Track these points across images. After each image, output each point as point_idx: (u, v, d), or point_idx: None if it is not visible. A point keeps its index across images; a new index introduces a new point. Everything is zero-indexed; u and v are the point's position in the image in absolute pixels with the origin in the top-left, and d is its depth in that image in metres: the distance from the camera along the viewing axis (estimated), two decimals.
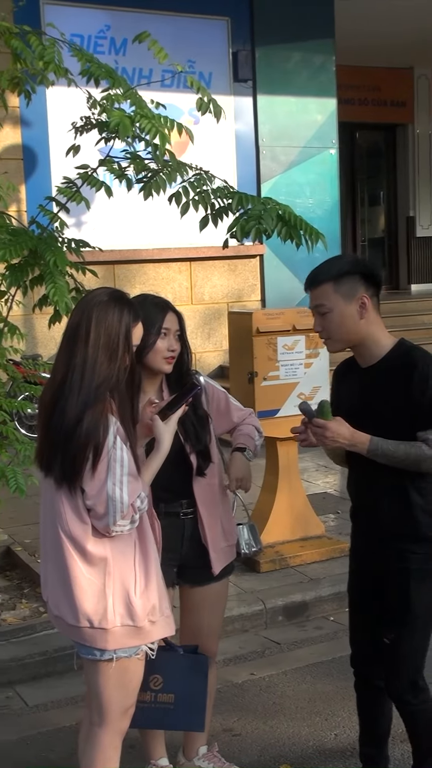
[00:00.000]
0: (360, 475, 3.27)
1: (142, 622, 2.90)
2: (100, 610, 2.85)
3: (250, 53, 11.29)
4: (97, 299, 2.89)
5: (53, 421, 2.81)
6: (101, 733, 3.03)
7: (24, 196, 9.89)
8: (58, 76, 5.22)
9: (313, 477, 7.95)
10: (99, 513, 2.79)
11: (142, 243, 10.86)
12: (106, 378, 2.80)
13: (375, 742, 3.48)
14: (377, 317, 3.13)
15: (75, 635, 2.93)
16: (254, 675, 4.67)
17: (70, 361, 2.82)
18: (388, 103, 15.17)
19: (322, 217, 11.81)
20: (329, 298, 3.08)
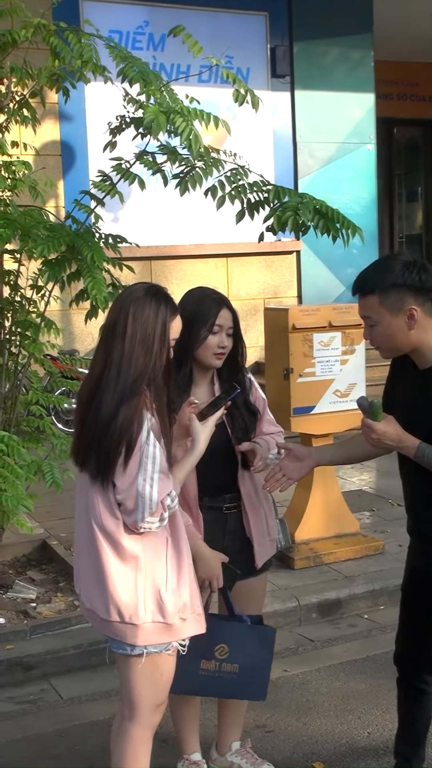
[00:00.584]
0: (406, 475, 3.23)
1: (172, 620, 2.90)
2: (131, 605, 2.86)
3: (288, 48, 11.27)
4: (134, 295, 2.90)
5: (89, 416, 2.83)
6: (131, 727, 3.05)
7: (62, 191, 9.95)
8: (96, 75, 5.25)
9: (349, 474, 7.92)
10: (128, 508, 2.81)
11: (178, 239, 10.87)
12: (142, 373, 2.81)
13: (411, 740, 3.46)
14: (430, 322, 3.00)
15: (106, 629, 2.95)
16: (288, 672, 4.67)
17: (107, 356, 2.83)
18: (427, 98, 15.05)
19: (360, 213, 11.76)
20: (375, 311, 2.98)
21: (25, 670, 4.67)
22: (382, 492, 7.29)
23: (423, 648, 3.33)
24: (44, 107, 6.06)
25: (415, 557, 3.34)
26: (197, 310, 3.32)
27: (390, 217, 15.50)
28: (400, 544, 5.95)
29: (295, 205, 5.06)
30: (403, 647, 3.43)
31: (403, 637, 3.43)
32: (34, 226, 5.17)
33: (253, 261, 11.35)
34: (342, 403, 5.79)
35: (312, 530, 5.88)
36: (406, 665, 3.42)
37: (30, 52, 5.50)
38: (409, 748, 3.46)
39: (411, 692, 3.41)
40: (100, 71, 5.18)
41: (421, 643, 3.32)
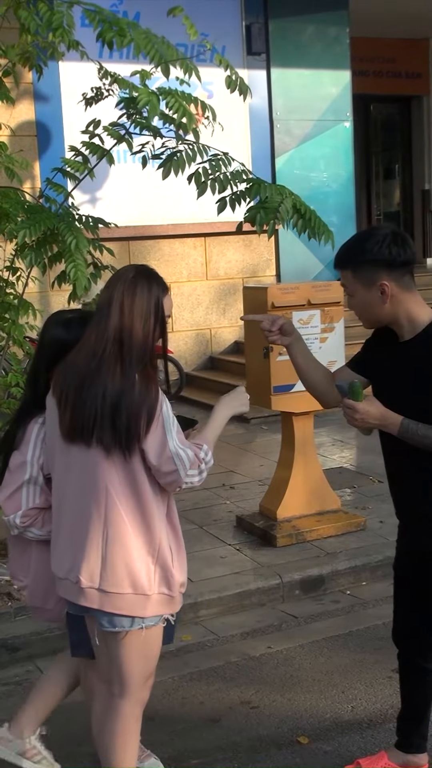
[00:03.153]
0: (390, 454, 3.23)
1: (176, 592, 2.99)
2: (144, 576, 2.90)
3: (263, 26, 11.21)
4: (124, 276, 2.96)
5: (91, 392, 2.84)
6: (122, 703, 3.07)
7: (38, 172, 9.88)
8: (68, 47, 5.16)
9: (330, 451, 7.96)
10: (166, 471, 2.85)
11: (156, 219, 10.84)
12: (143, 345, 2.88)
13: (411, 717, 3.48)
14: (407, 294, 3.03)
15: (111, 604, 2.91)
16: (271, 648, 4.71)
17: (103, 333, 2.88)
18: (403, 74, 15.01)
19: (337, 191, 11.78)
20: (350, 283, 3.08)
21: (10, 652, 4.68)
22: (363, 469, 7.33)
23: (420, 626, 3.35)
24: (17, 86, 5.99)
25: (410, 537, 3.32)
26: (77, 336, 3.32)
27: (368, 194, 15.52)
28: (382, 520, 6.00)
29: (275, 206, 5.09)
30: (401, 625, 3.44)
31: (401, 615, 3.44)
32: (12, 206, 5.14)
33: (231, 240, 11.33)
34: None
35: (294, 508, 5.91)
36: (405, 643, 3.44)
37: (2, 31, 5.44)
38: (410, 724, 3.48)
39: (412, 669, 3.43)
40: (74, 45, 5.12)
41: (419, 621, 3.34)
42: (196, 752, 3.77)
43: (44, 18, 5.03)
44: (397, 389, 3.05)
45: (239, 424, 9.30)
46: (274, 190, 5.22)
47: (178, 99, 4.94)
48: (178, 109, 4.92)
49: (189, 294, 11.28)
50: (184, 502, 6.58)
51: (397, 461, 3.21)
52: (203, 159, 5.28)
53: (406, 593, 3.39)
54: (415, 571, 3.29)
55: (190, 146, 5.23)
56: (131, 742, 3.11)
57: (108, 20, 4.95)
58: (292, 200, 5.20)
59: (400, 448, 3.06)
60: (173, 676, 4.38)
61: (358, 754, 3.65)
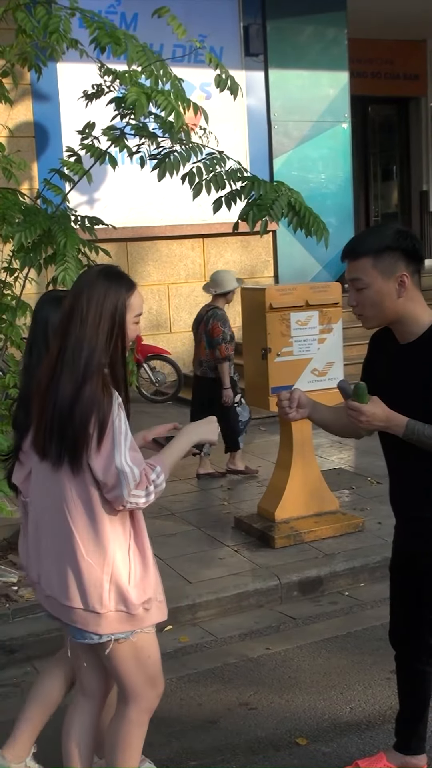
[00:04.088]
0: (392, 457, 3.20)
1: (135, 610, 2.87)
2: (95, 593, 2.82)
3: (261, 27, 11.22)
4: (87, 278, 2.88)
5: (48, 405, 2.77)
6: (128, 710, 3.03)
7: (36, 173, 9.89)
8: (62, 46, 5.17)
9: (328, 453, 7.95)
10: (111, 486, 2.74)
11: (154, 220, 10.84)
12: (97, 353, 2.76)
13: (409, 718, 3.47)
14: (417, 294, 3.00)
15: (68, 616, 2.89)
16: (270, 649, 4.70)
17: (64, 342, 2.78)
18: (401, 76, 15.03)
19: (335, 192, 11.78)
20: (367, 274, 2.95)
21: (8, 654, 4.67)
22: (361, 470, 7.33)
23: (417, 628, 3.34)
24: (16, 86, 5.99)
25: (405, 540, 3.32)
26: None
27: (365, 196, 15.53)
28: (380, 521, 6.00)
29: (269, 203, 5.07)
30: (398, 627, 3.43)
31: (397, 617, 3.42)
32: (10, 208, 5.14)
33: (229, 241, 11.33)
34: (320, 381, 5.81)
35: (292, 509, 5.90)
36: (402, 644, 3.42)
37: (1, 32, 5.44)
38: (408, 725, 3.47)
39: (409, 671, 3.42)
40: (72, 44, 5.12)
41: (417, 623, 3.34)
42: (195, 754, 3.77)
43: (41, 22, 5.04)
44: (401, 392, 3.01)
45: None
46: (269, 187, 5.21)
47: (167, 98, 4.93)
48: (167, 107, 4.91)
49: (187, 295, 11.28)
50: (182, 503, 6.58)
51: (398, 461, 3.20)
52: (198, 159, 5.27)
53: (401, 595, 3.38)
54: (410, 572, 3.29)
55: (184, 146, 5.23)
56: (135, 749, 3.07)
57: (105, 29, 4.99)
58: (287, 197, 5.19)
59: (402, 448, 3.03)
60: (171, 677, 4.37)
61: (356, 755, 3.64)
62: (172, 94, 4.99)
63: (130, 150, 5.45)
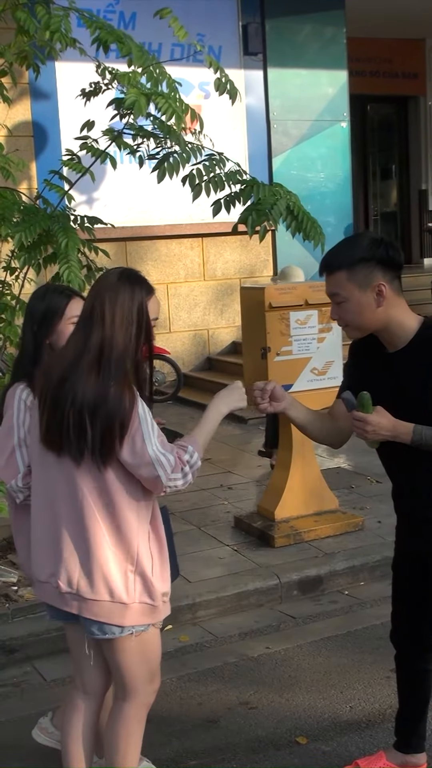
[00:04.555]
0: (396, 461, 3.17)
1: (158, 602, 2.94)
2: (121, 584, 2.87)
3: (260, 26, 11.20)
4: (108, 280, 2.91)
5: (67, 402, 2.79)
6: (126, 706, 3.06)
7: (35, 173, 9.88)
8: (64, 46, 5.18)
9: (327, 452, 7.95)
10: (148, 476, 2.81)
11: (153, 219, 10.83)
12: (123, 355, 2.81)
13: (409, 717, 3.47)
14: (398, 299, 2.98)
15: (91, 610, 2.90)
16: (270, 649, 4.70)
17: (85, 343, 2.82)
18: (400, 75, 15.01)
19: (334, 191, 11.77)
20: (343, 288, 2.94)
21: (7, 653, 4.67)
22: (361, 469, 7.32)
23: (419, 627, 3.34)
24: (15, 85, 5.99)
25: (410, 540, 3.31)
26: (48, 303, 3.35)
27: (365, 194, 15.52)
28: (379, 520, 6.00)
29: (268, 208, 5.09)
30: (399, 626, 3.43)
31: (399, 616, 3.43)
32: (8, 207, 5.14)
33: (228, 241, 11.32)
34: (319, 381, 5.81)
35: (292, 508, 5.90)
36: (403, 644, 3.43)
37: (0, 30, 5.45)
38: (408, 724, 3.47)
39: (409, 670, 3.42)
40: (71, 42, 5.13)
41: (417, 622, 3.34)
42: (195, 753, 3.77)
43: (42, 21, 5.06)
44: (400, 399, 2.98)
45: (236, 424, 9.28)
46: (268, 191, 5.22)
47: (168, 100, 4.94)
48: (167, 110, 4.92)
49: (186, 295, 11.28)
50: (182, 503, 6.58)
51: (401, 467, 3.18)
52: (198, 160, 5.28)
53: (404, 594, 3.38)
54: (413, 572, 3.29)
55: (184, 147, 5.23)
56: (134, 745, 3.10)
57: (105, 28, 5.01)
58: (286, 201, 5.20)
59: (405, 451, 3.01)
60: (171, 677, 4.37)
61: (356, 754, 3.64)
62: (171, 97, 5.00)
63: (131, 148, 5.45)
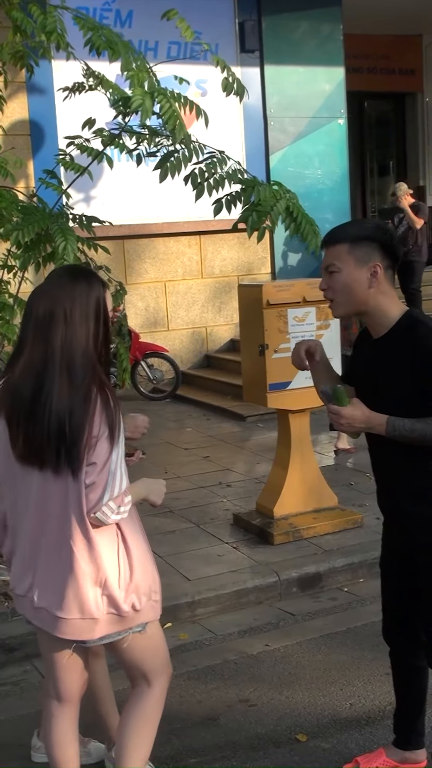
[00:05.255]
0: (378, 454, 3.22)
1: (125, 613, 2.87)
2: (91, 600, 2.81)
3: (256, 23, 11.20)
4: (59, 280, 2.79)
5: (39, 412, 2.68)
6: (152, 690, 3.10)
7: (32, 171, 9.87)
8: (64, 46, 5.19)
9: (326, 449, 7.95)
10: (98, 487, 2.70)
11: (151, 217, 10.83)
12: (90, 354, 2.72)
13: (407, 714, 3.48)
14: (389, 289, 3.04)
15: (58, 629, 2.85)
16: (269, 646, 4.70)
17: (47, 346, 2.70)
18: (397, 71, 15.01)
19: (332, 188, 11.76)
20: (341, 259, 3.00)
21: (7, 652, 4.67)
22: (360, 466, 7.32)
23: (411, 624, 3.34)
24: (6, 87, 5.99)
25: (392, 535, 3.35)
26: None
27: (362, 191, 15.53)
28: (378, 517, 5.94)
29: (268, 210, 5.10)
30: (390, 623, 3.44)
31: (389, 613, 3.44)
32: (6, 207, 5.13)
33: (226, 238, 11.32)
34: None
35: (290, 505, 5.90)
36: (396, 640, 3.43)
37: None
38: (407, 721, 3.48)
39: (404, 667, 3.43)
40: (64, 45, 5.13)
41: (409, 619, 3.34)
42: (195, 751, 3.77)
43: (38, 21, 5.05)
44: (381, 386, 3.03)
45: (235, 422, 9.29)
46: (268, 191, 5.22)
47: (170, 101, 4.94)
48: (171, 116, 4.93)
49: (184, 292, 11.27)
50: (181, 500, 6.58)
51: (382, 458, 3.21)
52: (199, 159, 5.28)
53: (393, 591, 3.39)
54: (401, 568, 3.30)
55: (185, 146, 5.23)
56: (155, 729, 3.14)
57: (97, 29, 5.02)
58: (286, 202, 5.21)
59: (385, 444, 3.04)
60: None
61: (356, 751, 3.64)
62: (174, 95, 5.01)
63: (127, 148, 5.45)
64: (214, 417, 9.67)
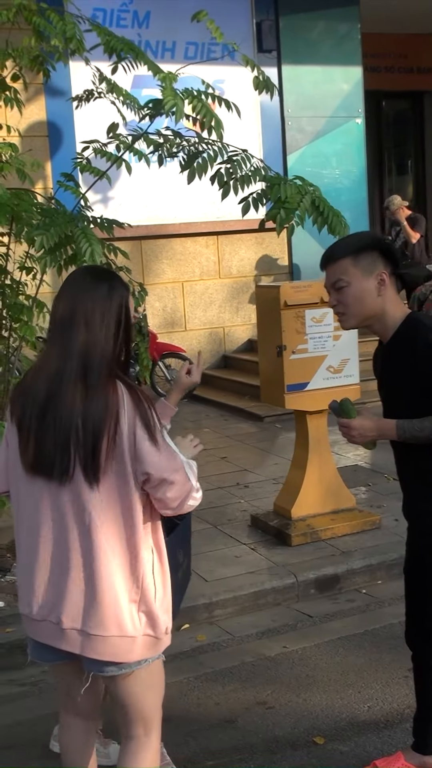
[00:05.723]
0: (396, 456, 3.25)
1: (161, 634, 2.73)
2: (127, 617, 2.65)
3: (274, 23, 11.20)
4: (81, 282, 2.70)
5: (57, 419, 2.57)
6: (149, 741, 2.86)
7: (50, 172, 9.90)
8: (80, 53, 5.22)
9: (344, 449, 7.93)
10: (176, 481, 2.60)
11: (168, 218, 10.84)
12: (110, 359, 2.62)
13: (427, 718, 3.45)
14: (394, 294, 3.10)
15: (92, 649, 2.65)
16: (287, 648, 4.69)
17: (66, 349, 2.61)
18: (415, 70, 14.95)
19: (349, 187, 11.74)
20: (347, 272, 3.04)
21: (25, 653, 4.67)
22: (378, 467, 7.30)
23: (428, 626, 3.33)
24: (26, 90, 6.02)
25: (411, 539, 3.35)
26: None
27: (380, 190, 15.46)
28: (396, 518, 5.97)
29: (295, 206, 5.12)
30: (412, 627, 3.44)
31: (410, 617, 3.44)
32: (26, 209, 5.14)
33: (243, 238, 11.32)
34: (335, 379, 5.79)
35: (308, 506, 5.89)
36: (415, 642, 3.43)
37: (12, 32, 5.46)
38: (426, 725, 3.46)
39: (424, 671, 3.42)
40: (81, 50, 5.17)
41: (428, 622, 3.33)
42: (212, 753, 3.76)
43: (57, 27, 5.10)
44: (392, 389, 3.10)
45: (253, 422, 9.28)
46: (293, 189, 5.24)
47: (201, 100, 4.98)
48: (206, 113, 4.96)
49: (202, 293, 11.27)
50: None
51: (400, 460, 3.24)
52: (224, 158, 5.31)
53: (410, 593, 3.39)
54: (414, 569, 3.31)
55: (210, 146, 5.26)
56: None
57: (112, 35, 5.08)
58: (311, 196, 5.24)
59: (402, 447, 3.09)
60: (189, 676, 4.37)
61: (374, 754, 3.63)
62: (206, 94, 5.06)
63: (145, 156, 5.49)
64: (232, 417, 9.67)
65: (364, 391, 5.95)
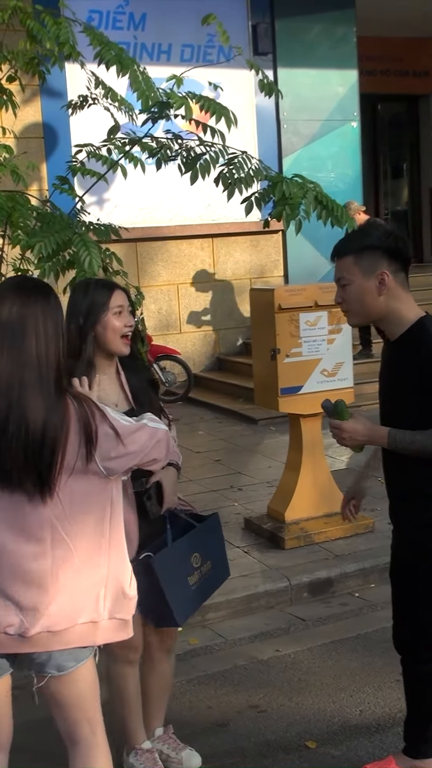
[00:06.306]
0: (384, 463, 3.26)
1: (128, 616, 2.76)
2: (92, 604, 2.68)
3: (269, 26, 11.21)
4: (26, 291, 2.62)
5: (19, 428, 2.51)
6: (97, 740, 2.83)
7: (45, 174, 9.89)
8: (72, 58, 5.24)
9: (338, 453, 7.92)
10: (162, 439, 2.79)
11: (164, 220, 10.84)
12: (60, 366, 2.59)
13: (417, 722, 3.46)
14: (403, 293, 3.03)
15: (64, 639, 2.65)
16: (279, 651, 4.69)
17: (17, 359, 2.53)
18: (411, 73, 14.97)
19: (345, 190, 11.75)
20: (349, 271, 3.03)
21: None
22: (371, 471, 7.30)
23: (418, 632, 3.34)
24: (23, 92, 6.02)
25: (396, 544, 3.37)
26: (93, 297, 3.26)
27: (375, 193, 15.49)
28: (390, 522, 5.97)
29: (299, 202, 5.14)
30: (399, 632, 3.44)
31: (398, 622, 3.44)
32: (23, 213, 5.14)
33: (238, 241, 11.32)
34: (329, 382, 5.79)
35: (302, 510, 5.89)
36: (405, 649, 3.43)
37: (7, 34, 5.46)
38: (416, 729, 3.46)
39: (413, 675, 3.42)
40: (75, 56, 5.19)
41: (416, 627, 3.34)
42: (204, 757, 3.74)
43: (51, 30, 5.10)
44: (392, 391, 3.08)
45: (247, 425, 9.28)
46: (294, 185, 5.27)
47: (212, 104, 5.03)
48: (216, 110, 5.00)
49: (197, 295, 11.27)
50: (192, 504, 6.56)
51: (387, 467, 3.24)
52: (224, 160, 5.34)
53: (397, 599, 3.41)
54: (401, 575, 3.32)
55: (212, 148, 5.28)
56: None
57: (105, 43, 5.09)
58: (313, 192, 5.27)
59: (390, 454, 3.10)
60: (181, 680, 4.37)
61: (366, 758, 3.63)
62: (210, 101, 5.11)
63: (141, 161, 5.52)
64: (226, 420, 9.66)
65: (358, 395, 5.96)
